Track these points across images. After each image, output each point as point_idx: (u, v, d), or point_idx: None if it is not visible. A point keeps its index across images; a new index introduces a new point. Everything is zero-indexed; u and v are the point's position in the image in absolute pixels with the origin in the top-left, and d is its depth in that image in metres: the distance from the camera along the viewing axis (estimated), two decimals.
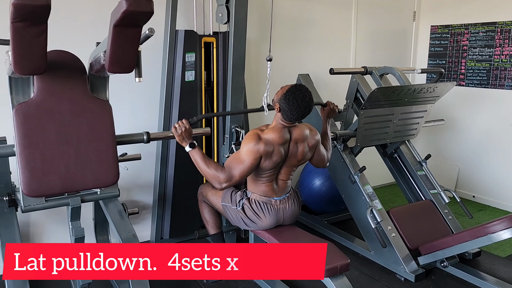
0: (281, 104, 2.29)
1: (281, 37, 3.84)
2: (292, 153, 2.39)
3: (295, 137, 2.38)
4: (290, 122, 2.33)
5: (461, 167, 4.51)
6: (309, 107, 2.29)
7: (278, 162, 2.34)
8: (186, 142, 2.32)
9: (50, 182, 2.00)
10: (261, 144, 2.25)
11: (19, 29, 1.49)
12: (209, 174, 2.27)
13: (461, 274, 2.84)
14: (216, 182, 2.27)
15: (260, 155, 2.25)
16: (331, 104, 2.75)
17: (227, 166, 2.27)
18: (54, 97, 2.04)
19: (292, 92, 2.27)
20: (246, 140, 2.27)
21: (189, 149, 2.31)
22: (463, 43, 4.35)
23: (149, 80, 3.13)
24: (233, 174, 2.26)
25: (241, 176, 2.27)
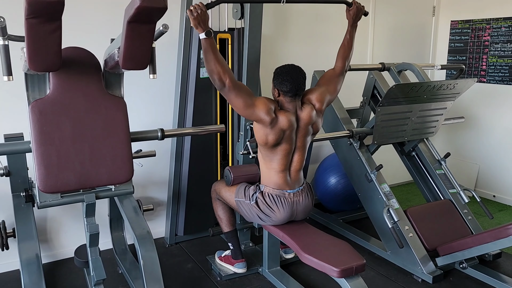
0: (275, 84, 2.34)
1: (297, 33, 3.80)
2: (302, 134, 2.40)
3: (305, 120, 2.39)
4: (293, 97, 2.33)
5: (481, 166, 4.40)
6: (301, 73, 2.33)
7: (285, 130, 2.31)
8: (201, 28, 2.09)
9: (65, 179, 2.01)
10: (272, 105, 2.29)
11: (33, 26, 1.49)
12: (216, 68, 2.15)
13: (481, 276, 2.76)
14: (217, 77, 2.16)
15: (266, 106, 2.26)
16: (357, 3, 2.52)
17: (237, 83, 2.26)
18: (70, 93, 2.04)
19: (279, 68, 2.38)
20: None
21: (204, 37, 2.10)
22: (484, 39, 4.23)
23: (164, 77, 3.12)
24: (236, 82, 2.23)
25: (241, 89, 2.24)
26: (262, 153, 2.42)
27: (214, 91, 3.13)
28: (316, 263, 2.13)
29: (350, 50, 2.58)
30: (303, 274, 2.86)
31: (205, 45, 2.13)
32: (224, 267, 2.83)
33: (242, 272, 2.78)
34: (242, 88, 2.26)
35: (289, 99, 2.33)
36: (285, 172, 2.41)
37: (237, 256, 2.78)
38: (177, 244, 3.30)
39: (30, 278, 2.26)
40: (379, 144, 3.13)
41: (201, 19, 2.08)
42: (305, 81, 2.37)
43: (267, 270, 2.78)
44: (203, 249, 3.20)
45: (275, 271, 2.79)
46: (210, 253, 3.09)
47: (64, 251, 3.08)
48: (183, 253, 3.17)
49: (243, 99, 2.24)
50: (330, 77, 2.53)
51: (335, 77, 2.54)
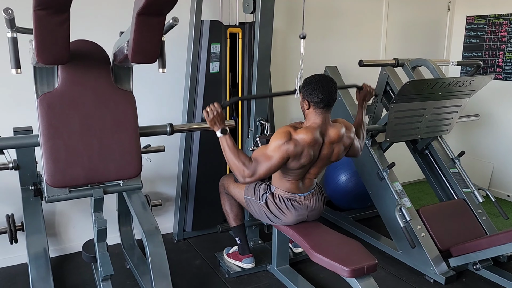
0: (305, 95, 2.22)
1: (309, 27, 3.70)
2: (325, 155, 2.27)
3: (331, 138, 2.25)
4: (324, 109, 2.20)
5: (495, 165, 4.31)
6: (331, 82, 2.23)
7: (305, 164, 2.24)
8: (218, 127, 2.20)
9: (73, 173, 1.99)
10: (291, 144, 2.14)
11: (41, 18, 1.46)
12: (235, 165, 2.18)
13: (495, 278, 2.70)
14: (240, 175, 2.19)
15: (288, 155, 2.15)
16: (368, 87, 2.59)
17: (254, 160, 2.19)
18: (78, 87, 2.02)
19: (309, 78, 2.27)
20: (276, 136, 2.17)
21: (221, 135, 2.20)
22: (501, 35, 4.13)
23: (173, 71, 3.09)
24: (258, 170, 2.16)
25: (266, 174, 2.18)
26: None
27: (224, 86, 3.10)
28: (327, 262, 2.08)
29: (363, 131, 2.55)
30: (312, 273, 2.82)
31: (223, 142, 2.20)
32: (232, 263, 2.80)
33: (251, 267, 2.75)
34: (258, 163, 2.17)
35: (319, 111, 2.21)
36: (299, 181, 2.36)
37: (245, 251, 2.75)
38: (185, 240, 3.28)
39: (38, 272, 2.25)
40: (391, 142, 3.07)
41: (217, 120, 2.17)
42: (337, 91, 2.25)
43: (276, 268, 2.74)
44: (212, 246, 3.17)
45: (284, 269, 2.75)
46: (218, 249, 3.06)
47: (72, 245, 3.08)
48: (191, 249, 3.14)
49: (265, 169, 2.16)
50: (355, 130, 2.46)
51: (356, 139, 2.46)
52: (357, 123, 2.57)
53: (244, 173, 2.17)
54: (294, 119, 3.81)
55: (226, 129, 2.21)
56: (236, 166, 2.18)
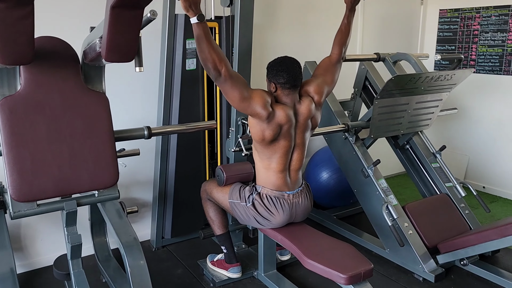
0: (271, 78, 2.20)
1: (286, 22, 3.62)
2: (301, 130, 2.26)
3: (304, 116, 2.25)
4: (291, 89, 2.18)
5: (470, 157, 4.35)
6: (295, 62, 2.22)
7: (282, 125, 2.16)
8: (192, 11, 1.87)
9: (42, 185, 1.79)
10: (268, 97, 2.14)
11: (0, 11, 1.26)
12: (210, 56, 1.94)
13: (483, 273, 2.68)
14: (211, 65, 1.96)
15: (263, 101, 2.10)
16: None
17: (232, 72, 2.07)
18: (44, 89, 1.81)
19: (272, 61, 2.26)
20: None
21: (196, 21, 1.89)
22: (474, 28, 4.15)
23: (146, 69, 2.87)
24: (231, 72, 2.03)
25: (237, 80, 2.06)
26: (258, 151, 2.24)
27: (201, 84, 2.93)
28: (321, 269, 1.98)
29: (347, 36, 2.44)
30: (300, 277, 2.72)
31: (197, 30, 1.92)
32: (217, 272, 2.66)
33: (237, 277, 2.61)
34: (238, 79, 2.07)
35: (287, 92, 2.17)
36: (285, 172, 2.25)
37: (231, 260, 2.61)
38: (164, 247, 3.11)
39: None
40: (375, 138, 3.01)
41: (192, 1, 1.86)
42: (301, 71, 2.22)
43: (263, 274, 2.62)
44: (193, 253, 3.01)
45: (271, 274, 2.63)
46: (200, 256, 2.91)
47: (40, 259, 2.85)
48: (172, 257, 2.98)
49: (239, 90, 2.06)
50: (326, 67, 2.38)
51: (332, 66, 2.38)
52: (342, 27, 2.45)
53: (216, 63, 1.96)
54: None
55: (203, 15, 1.89)
56: (211, 56, 1.94)
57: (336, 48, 2.41)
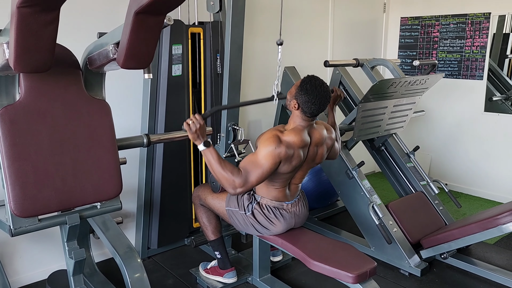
0: (298, 98, 2.11)
1: (263, 27, 3.66)
2: (310, 156, 2.22)
3: (315, 140, 2.21)
4: (311, 118, 2.14)
5: (433, 156, 4.61)
6: (328, 93, 2.11)
7: (296, 166, 2.16)
8: (200, 140, 2.05)
9: (45, 199, 1.70)
10: (282, 147, 2.05)
11: (25, 16, 1.19)
12: (224, 178, 2.04)
13: (461, 265, 2.86)
14: (230, 187, 2.05)
15: (280, 159, 2.06)
16: (338, 90, 2.60)
17: (243, 169, 2.06)
18: (45, 98, 1.73)
19: (309, 81, 2.12)
20: (265, 143, 2.06)
21: (203, 148, 2.05)
22: (434, 35, 4.41)
23: (129, 75, 2.82)
24: (249, 179, 2.04)
25: (258, 182, 2.07)
26: None
27: (187, 90, 2.90)
28: (328, 270, 2.02)
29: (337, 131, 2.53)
30: (293, 279, 2.75)
31: (207, 155, 2.06)
32: (212, 279, 2.62)
33: (233, 282, 2.60)
34: (249, 172, 2.05)
35: (306, 118, 2.15)
36: (285, 188, 2.28)
37: (226, 265, 2.59)
38: (150, 258, 3.03)
39: None
40: (358, 140, 3.11)
41: (200, 133, 2.03)
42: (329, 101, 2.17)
43: (258, 279, 2.63)
44: (181, 262, 2.96)
45: (266, 279, 2.65)
46: (189, 265, 2.87)
47: (19, 278, 2.67)
48: (160, 268, 2.90)
49: (256, 177, 2.05)
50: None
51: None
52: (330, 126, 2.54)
53: (235, 183, 2.04)
54: (251, 121, 3.71)
55: (209, 142, 2.08)
56: (224, 178, 2.04)
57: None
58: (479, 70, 4.13)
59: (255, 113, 3.69)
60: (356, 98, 3.35)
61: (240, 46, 2.57)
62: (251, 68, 3.51)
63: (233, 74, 2.59)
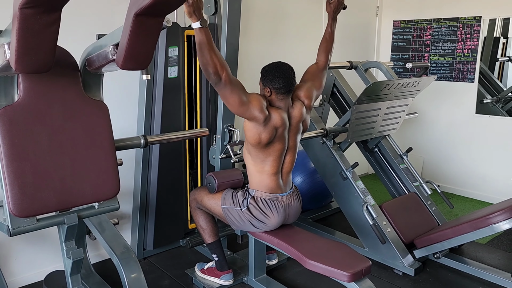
0: (266, 82, 2.25)
1: (258, 30, 3.70)
2: (293, 133, 2.34)
3: (296, 118, 2.33)
4: (286, 95, 2.26)
5: (425, 158, 4.67)
6: (290, 68, 2.28)
7: (277, 127, 2.22)
8: (196, 17, 1.87)
9: (44, 199, 1.71)
10: (264, 101, 2.19)
11: (28, 17, 1.21)
12: (212, 61, 1.95)
13: (454, 264, 2.90)
14: (212, 70, 1.97)
15: (260, 104, 2.15)
16: None
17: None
18: (44, 99, 1.74)
19: (268, 66, 2.30)
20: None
21: (199, 26, 1.89)
22: (426, 38, 4.48)
23: (125, 77, 2.84)
24: (231, 78, 2.06)
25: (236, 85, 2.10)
26: (252, 155, 2.28)
27: (182, 92, 2.92)
28: (324, 268, 2.05)
29: (332, 43, 2.59)
30: (288, 279, 2.78)
31: (200, 35, 1.92)
32: (209, 280, 2.64)
33: (230, 283, 2.61)
34: (237, 84, 2.12)
35: (281, 97, 2.24)
36: (278, 175, 2.31)
37: (223, 267, 2.61)
38: (146, 259, 3.03)
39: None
40: (352, 142, 3.15)
41: (196, 6, 1.87)
42: (295, 77, 2.29)
43: (254, 279, 2.64)
44: (177, 263, 2.97)
45: (262, 279, 2.66)
46: (184, 266, 2.88)
47: (15, 280, 2.67)
48: (156, 269, 2.91)
49: (238, 95, 2.09)
50: (314, 72, 2.49)
51: (319, 72, 2.51)
52: (326, 36, 2.61)
53: (217, 68, 1.98)
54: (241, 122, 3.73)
55: (205, 21, 1.90)
56: (213, 61, 1.96)
57: (322, 56, 2.54)
58: (470, 73, 4.19)
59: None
60: (350, 100, 3.40)
61: (235, 49, 2.60)
62: (246, 71, 3.54)
63: None
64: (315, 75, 2.48)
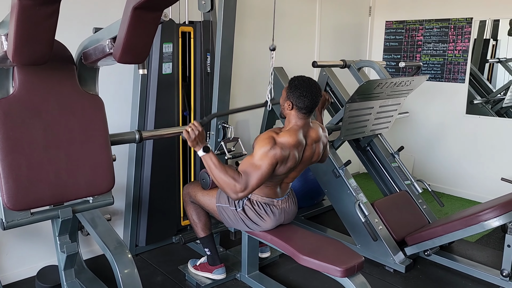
0: (291, 96, 2.17)
1: (252, 29, 3.71)
2: (307, 156, 2.27)
3: (312, 139, 2.26)
4: (306, 114, 2.19)
5: (416, 157, 4.72)
6: (318, 87, 2.20)
7: (292, 168, 2.20)
8: (199, 146, 2.09)
9: (38, 193, 1.71)
10: (277, 148, 2.08)
11: (27, 9, 1.21)
12: (225, 182, 2.06)
13: (444, 261, 2.94)
14: (232, 191, 2.06)
15: (276, 160, 2.08)
16: (326, 95, 2.66)
17: (243, 173, 2.08)
18: (39, 92, 1.74)
19: (296, 78, 2.21)
20: (260, 143, 2.09)
21: (203, 154, 2.09)
22: (417, 38, 4.53)
23: (119, 73, 2.83)
24: (250, 182, 2.06)
25: (258, 184, 2.09)
26: None
27: (177, 88, 2.92)
28: (317, 264, 2.07)
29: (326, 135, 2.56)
30: (281, 275, 2.79)
31: (207, 161, 2.08)
32: (201, 276, 2.65)
33: (222, 278, 2.62)
34: (249, 175, 2.07)
35: (301, 115, 2.19)
36: (277, 186, 2.33)
37: (215, 261, 2.61)
38: (138, 255, 3.03)
39: None
40: (344, 140, 3.18)
41: (199, 139, 2.06)
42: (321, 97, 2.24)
43: (247, 275, 2.66)
44: (169, 259, 2.97)
45: (254, 275, 2.68)
46: (177, 262, 2.88)
47: (6, 276, 2.65)
48: (148, 265, 2.91)
49: (258, 180, 2.07)
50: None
51: None
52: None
53: (236, 188, 2.06)
54: (239, 121, 3.75)
55: (208, 147, 2.10)
56: (225, 183, 2.07)
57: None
58: (461, 74, 4.25)
59: (243, 113, 3.71)
60: (343, 99, 3.43)
61: (230, 46, 2.60)
62: (240, 68, 3.55)
63: (224, 73, 2.62)
64: None
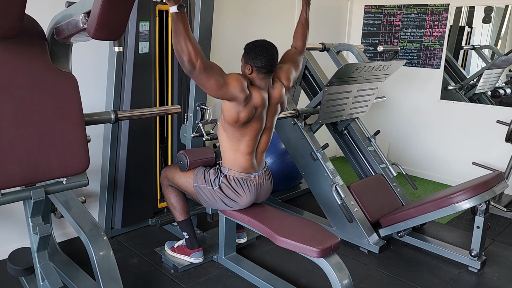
0: (248, 59, 2.21)
1: (230, 9, 3.65)
2: (270, 116, 2.34)
3: (275, 100, 2.32)
4: (267, 74, 2.22)
5: (391, 142, 4.79)
6: (273, 46, 2.24)
7: (257, 107, 2.21)
8: (174, 0, 1.82)
9: (9, 173, 1.65)
10: (244, 80, 2.15)
11: None
12: (186, 48, 1.89)
13: (416, 242, 3.02)
14: (186, 58, 1.91)
15: (241, 84, 2.12)
16: None
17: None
18: (9, 67, 1.66)
19: (251, 42, 2.26)
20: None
21: (176, 11, 1.82)
22: (395, 24, 4.56)
23: (94, 52, 2.75)
24: (207, 62, 2.02)
25: (214, 70, 2.05)
26: (228, 134, 2.27)
27: (153, 69, 2.85)
28: (294, 245, 2.09)
29: (308, 29, 2.59)
30: (258, 257, 2.82)
31: (176, 21, 1.85)
32: (178, 258, 2.64)
33: (200, 261, 2.62)
34: (213, 68, 2.06)
35: (262, 76, 2.21)
36: (252, 154, 2.31)
37: (194, 245, 2.61)
38: (113, 238, 2.99)
39: None
40: (322, 123, 3.19)
41: None
42: (278, 56, 2.27)
43: (224, 257, 2.67)
44: (145, 242, 2.95)
45: (231, 257, 2.69)
46: (153, 245, 2.87)
47: None
48: (124, 248, 2.88)
49: (215, 80, 2.05)
50: (293, 55, 2.50)
51: (298, 55, 2.52)
52: (302, 21, 2.62)
53: (191, 56, 1.92)
54: (217, 102, 3.71)
55: (183, 5, 1.84)
56: (187, 48, 1.90)
57: (299, 41, 2.57)
58: (436, 60, 4.31)
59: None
60: (321, 82, 3.43)
61: (209, 26, 2.55)
62: (219, 48, 3.50)
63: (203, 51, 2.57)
64: (293, 58, 2.49)
